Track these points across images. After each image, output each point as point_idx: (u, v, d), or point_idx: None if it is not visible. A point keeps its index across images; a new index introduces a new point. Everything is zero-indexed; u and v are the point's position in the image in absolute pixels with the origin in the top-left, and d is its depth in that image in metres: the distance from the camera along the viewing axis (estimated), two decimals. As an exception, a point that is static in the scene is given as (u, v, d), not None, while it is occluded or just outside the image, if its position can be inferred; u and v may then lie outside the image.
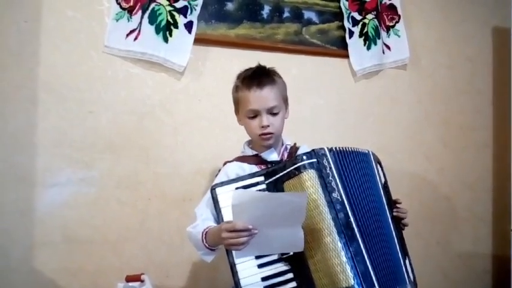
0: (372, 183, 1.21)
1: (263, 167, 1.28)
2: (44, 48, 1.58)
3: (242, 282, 1.06)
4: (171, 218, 1.73)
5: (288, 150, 1.36)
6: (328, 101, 2.03)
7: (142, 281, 1.46)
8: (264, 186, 1.14)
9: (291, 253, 1.06)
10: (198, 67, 1.79)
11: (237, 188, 1.14)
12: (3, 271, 1.52)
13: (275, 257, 1.08)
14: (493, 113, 2.41)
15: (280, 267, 1.08)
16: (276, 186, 1.12)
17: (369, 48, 2.07)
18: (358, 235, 1.07)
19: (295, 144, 1.39)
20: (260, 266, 1.07)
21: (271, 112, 1.27)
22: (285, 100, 1.35)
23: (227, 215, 1.09)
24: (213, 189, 1.15)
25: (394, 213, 1.24)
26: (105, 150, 1.65)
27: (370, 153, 1.27)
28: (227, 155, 1.58)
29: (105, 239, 1.64)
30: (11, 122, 1.54)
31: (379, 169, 1.29)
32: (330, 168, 1.10)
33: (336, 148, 1.16)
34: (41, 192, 1.57)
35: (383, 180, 1.28)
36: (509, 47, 2.19)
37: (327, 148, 1.14)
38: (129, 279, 1.46)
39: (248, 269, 1.07)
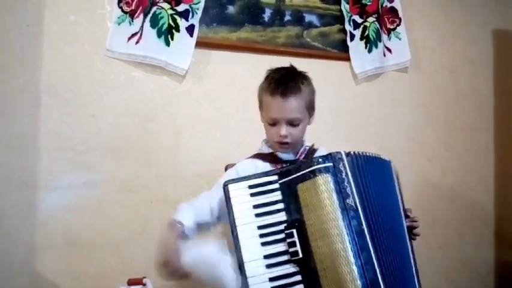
0: (390, 191, 1.19)
1: (278, 166, 1.27)
2: (46, 52, 1.59)
3: (250, 281, 1.04)
4: (173, 221, 1.73)
5: (305, 152, 1.33)
6: (329, 103, 2.03)
7: (144, 285, 1.45)
8: (277, 185, 1.12)
9: (300, 255, 1.05)
10: (199, 70, 1.80)
11: (250, 187, 1.12)
12: (5, 274, 1.52)
13: (284, 258, 1.06)
14: (494, 115, 2.41)
15: (289, 269, 1.06)
16: (289, 188, 1.10)
17: (370, 51, 2.07)
18: (370, 244, 1.04)
19: (313, 145, 1.36)
20: (268, 266, 1.06)
21: (292, 123, 1.24)
22: (310, 107, 1.31)
23: (238, 213, 1.09)
24: (225, 186, 1.13)
25: (407, 223, 1.22)
26: (107, 153, 1.66)
27: (391, 162, 1.25)
28: (229, 157, 1.59)
29: (107, 242, 1.64)
30: (13, 125, 1.55)
31: (396, 180, 1.27)
32: (346, 173, 1.08)
33: (354, 153, 1.13)
34: (43, 195, 1.57)
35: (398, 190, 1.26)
36: (509, 49, 2.19)
37: (344, 152, 1.11)
38: (131, 282, 1.45)
39: (256, 268, 1.06)
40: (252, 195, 1.11)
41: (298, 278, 1.05)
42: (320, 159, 1.09)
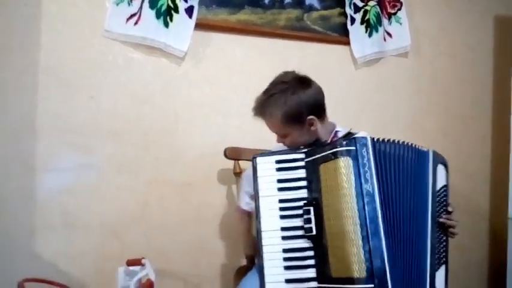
0: (416, 184, 1.19)
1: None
2: (44, 33, 1.57)
3: (265, 249, 1.12)
4: (172, 204, 1.74)
5: (337, 137, 1.32)
6: (328, 88, 1.98)
7: (143, 265, 1.46)
8: (303, 163, 1.16)
9: (314, 232, 1.09)
10: (198, 53, 1.79)
11: (277, 161, 1.17)
12: (4, 255, 1.52)
13: (300, 232, 1.12)
14: (493, 102, 2.40)
15: (302, 243, 1.11)
16: (313, 167, 1.14)
17: (370, 35, 2.06)
18: (381, 231, 1.06)
19: (350, 129, 1.32)
20: (284, 238, 1.12)
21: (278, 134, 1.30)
22: (295, 119, 1.24)
23: (262, 184, 1.16)
24: (254, 158, 1.19)
25: (441, 220, 1.22)
26: (105, 135, 1.65)
27: (430, 153, 1.25)
28: (228, 140, 1.59)
29: (105, 224, 1.65)
30: (12, 107, 1.54)
31: (439, 170, 1.26)
32: (368, 159, 1.10)
33: (382, 139, 1.15)
34: (42, 177, 1.57)
35: (441, 183, 1.25)
36: (510, 36, 2.18)
37: (371, 138, 1.13)
38: (130, 263, 1.46)
39: (272, 238, 1.12)
40: (278, 170, 1.17)
41: (310, 253, 1.10)
42: (344, 142, 1.11)
